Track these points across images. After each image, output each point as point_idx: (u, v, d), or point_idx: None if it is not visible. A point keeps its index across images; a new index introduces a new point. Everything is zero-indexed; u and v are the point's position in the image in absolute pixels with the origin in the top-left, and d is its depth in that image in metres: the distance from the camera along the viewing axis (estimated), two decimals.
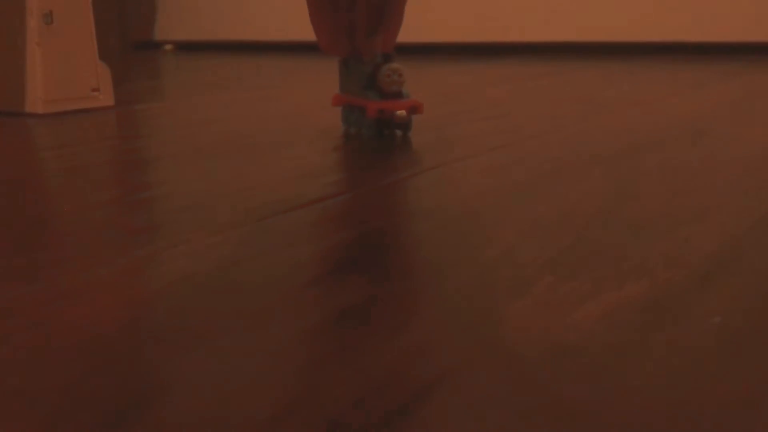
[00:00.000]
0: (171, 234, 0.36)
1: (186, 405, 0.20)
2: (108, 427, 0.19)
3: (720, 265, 0.30)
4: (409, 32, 1.56)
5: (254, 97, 0.89)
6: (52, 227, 0.38)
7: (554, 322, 0.25)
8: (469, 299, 0.27)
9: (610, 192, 0.41)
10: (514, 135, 0.59)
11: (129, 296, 0.28)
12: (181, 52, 1.76)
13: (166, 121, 0.72)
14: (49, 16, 0.78)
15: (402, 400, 0.20)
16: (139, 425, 0.19)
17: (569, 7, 1.40)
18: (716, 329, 0.24)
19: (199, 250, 0.33)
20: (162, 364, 0.23)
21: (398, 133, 0.62)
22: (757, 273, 0.29)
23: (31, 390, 0.21)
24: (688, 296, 0.27)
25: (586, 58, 1.29)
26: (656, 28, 1.33)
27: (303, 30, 1.65)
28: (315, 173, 0.48)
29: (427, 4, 1.54)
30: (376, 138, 0.60)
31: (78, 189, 0.46)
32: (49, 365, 0.23)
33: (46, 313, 0.27)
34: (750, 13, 1.26)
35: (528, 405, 0.20)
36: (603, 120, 0.66)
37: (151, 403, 0.20)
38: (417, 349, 0.23)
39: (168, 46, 1.86)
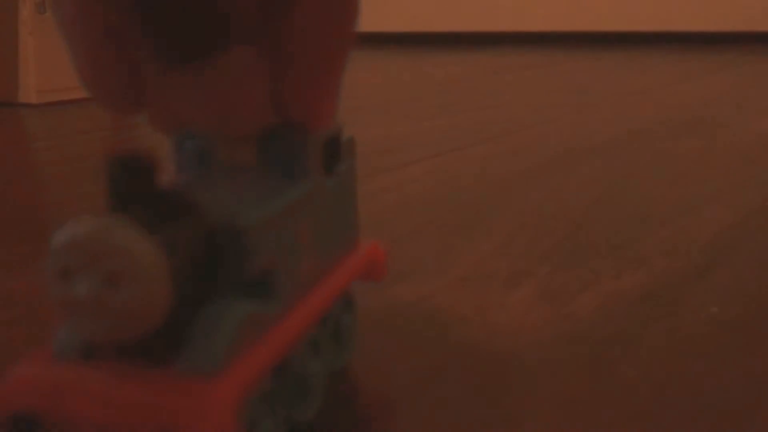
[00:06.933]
0: None
1: None
2: None
3: (717, 255, 0.30)
4: (402, 21, 1.55)
5: None
6: (47, 217, 0.38)
7: (553, 311, 0.25)
8: (469, 289, 0.27)
9: (607, 182, 0.41)
10: (510, 125, 0.59)
11: None
12: None
13: None
14: (42, 5, 0.77)
15: (403, 385, 0.20)
16: None
17: None
18: (713, 319, 0.24)
19: None
20: None
21: None
22: (754, 263, 0.29)
23: None
24: (685, 286, 0.27)
25: (581, 49, 1.29)
26: (652, 17, 1.33)
27: None
28: None
29: None
30: None
31: (72, 179, 0.45)
32: None
33: (43, 303, 0.27)
34: (744, 3, 1.26)
35: (528, 393, 0.20)
36: (599, 110, 0.66)
37: None
38: (415, 343, 0.23)
39: None
